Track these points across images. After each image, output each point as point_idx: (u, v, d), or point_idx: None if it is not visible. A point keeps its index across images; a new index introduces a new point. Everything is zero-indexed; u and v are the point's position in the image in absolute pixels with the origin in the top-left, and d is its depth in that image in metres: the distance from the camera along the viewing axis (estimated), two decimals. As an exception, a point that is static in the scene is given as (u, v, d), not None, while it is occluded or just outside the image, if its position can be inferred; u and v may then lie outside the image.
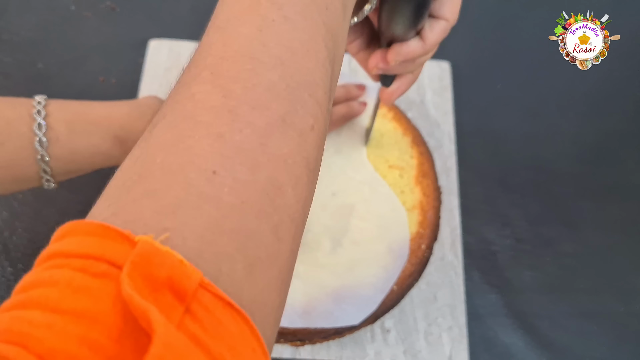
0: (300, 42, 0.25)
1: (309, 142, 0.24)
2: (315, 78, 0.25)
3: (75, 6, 0.65)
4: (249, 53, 0.24)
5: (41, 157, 0.39)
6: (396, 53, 0.37)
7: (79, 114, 0.41)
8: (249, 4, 0.25)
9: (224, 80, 0.23)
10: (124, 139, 0.41)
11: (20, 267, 0.50)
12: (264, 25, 0.25)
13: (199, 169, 0.21)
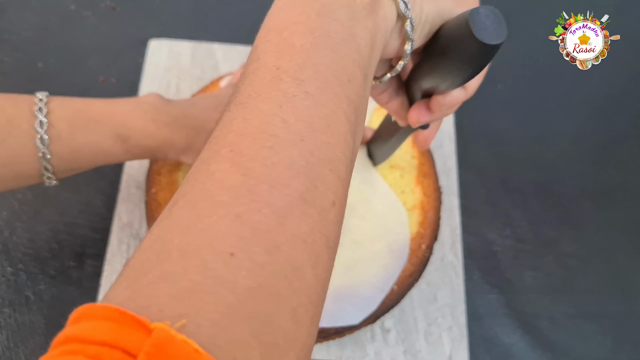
0: (321, 117, 0.25)
1: (329, 219, 0.24)
2: (336, 153, 0.25)
3: (75, 6, 0.65)
4: (268, 130, 0.24)
5: (42, 154, 0.39)
6: (440, 105, 0.36)
7: (80, 111, 0.41)
8: (270, 79, 0.25)
9: (243, 158, 0.23)
10: (125, 136, 0.41)
11: (20, 267, 0.50)
12: (285, 101, 0.24)
13: (216, 251, 0.20)
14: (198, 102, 0.46)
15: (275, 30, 0.27)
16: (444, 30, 0.31)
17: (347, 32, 0.27)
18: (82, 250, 0.52)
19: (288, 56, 0.26)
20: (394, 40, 0.31)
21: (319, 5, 0.27)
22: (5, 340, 0.48)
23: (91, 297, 0.49)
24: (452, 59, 0.31)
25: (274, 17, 0.29)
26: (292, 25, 0.27)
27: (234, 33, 0.65)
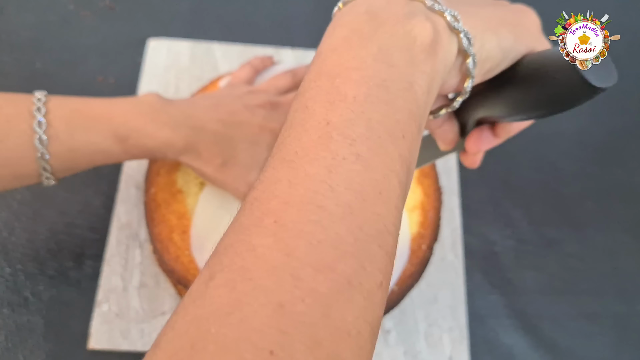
0: (372, 184, 0.23)
1: (375, 302, 0.22)
2: (386, 224, 0.23)
3: (74, 5, 0.65)
4: (316, 200, 0.22)
5: (41, 154, 0.39)
6: (508, 133, 0.35)
7: (79, 111, 0.40)
8: (319, 135, 0.24)
9: (287, 233, 0.21)
10: (124, 136, 0.41)
11: (19, 267, 0.50)
12: (334, 164, 0.23)
13: (256, 347, 0.19)
14: (197, 101, 0.46)
15: (327, 76, 0.26)
16: (531, 65, 0.30)
17: (404, 80, 0.25)
18: (80, 250, 0.51)
19: (339, 109, 0.24)
20: (453, 78, 0.29)
21: (376, 48, 0.26)
22: (4, 340, 0.48)
23: (90, 298, 0.49)
24: (542, 97, 0.30)
25: (326, 58, 0.27)
26: (345, 71, 0.25)
27: (233, 32, 0.65)
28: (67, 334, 0.48)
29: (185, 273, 0.46)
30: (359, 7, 0.28)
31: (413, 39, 0.26)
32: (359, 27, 0.26)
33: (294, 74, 0.52)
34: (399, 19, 0.26)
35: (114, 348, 0.47)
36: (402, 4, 0.27)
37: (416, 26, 0.26)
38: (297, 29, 0.66)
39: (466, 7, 0.29)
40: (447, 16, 0.27)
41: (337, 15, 0.29)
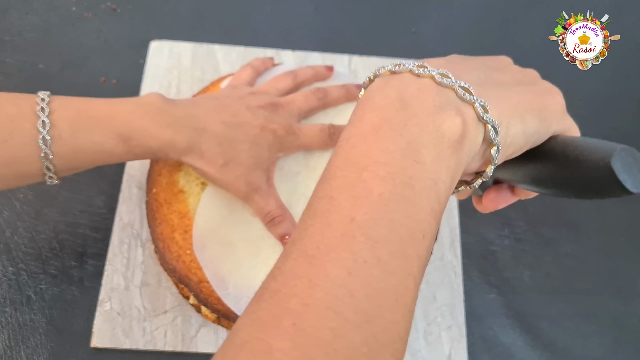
0: (390, 289, 0.23)
1: None
2: (399, 332, 0.23)
3: (76, 7, 0.66)
4: (334, 305, 0.22)
5: (44, 154, 0.39)
6: (526, 194, 0.35)
7: (82, 111, 0.41)
8: (341, 233, 0.24)
9: (305, 340, 0.22)
10: (126, 136, 0.41)
11: (21, 267, 0.51)
12: (355, 267, 0.23)
13: None
14: (200, 102, 0.46)
15: (355, 166, 0.26)
16: (562, 150, 0.30)
17: (429, 178, 0.26)
18: (83, 250, 0.52)
19: (364, 207, 0.24)
20: (475, 162, 0.29)
21: (405, 143, 0.26)
22: (7, 339, 0.48)
23: (92, 297, 0.50)
24: (568, 183, 0.29)
25: (354, 145, 0.27)
26: (373, 165, 0.25)
27: (234, 34, 0.65)
28: (69, 333, 0.49)
29: (187, 272, 0.46)
30: (390, 91, 0.28)
31: (442, 135, 0.26)
32: (389, 116, 0.26)
33: (295, 76, 0.53)
34: (429, 111, 0.26)
35: (116, 346, 0.47)
36: (434, 93, 0.27)
37: (446, 121, 0.26)
38: (298, 31, 0.67)
39: (494, 90, 0.29)
40: (477, 107, 0.27)
41: (368, 94, 0.29)
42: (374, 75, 0.30)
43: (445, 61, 0.30)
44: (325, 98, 0.51)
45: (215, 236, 0.47)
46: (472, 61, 0.31)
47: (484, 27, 0.70)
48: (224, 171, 0.45)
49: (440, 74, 0.27)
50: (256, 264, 0.46)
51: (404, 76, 0.28)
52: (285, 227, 0.46)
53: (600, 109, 0.65)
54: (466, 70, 0.29)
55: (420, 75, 0.28)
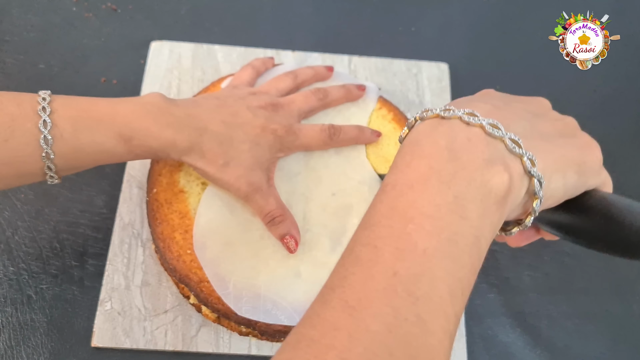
0: (427, 349, 0.23)
1: None
2: None
3: (77, 7, 0.66)
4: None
5: (46, 154, 0.39)
6: (551, 236, 0.35)
7: (84, 111, 0.41)
8: (384, 287, 0.24)
9: None
10: (128, 136, 0.41)
11: (22, 266, 0.51)
12: (395, 324, 0.23)
13: None
14: (201, 102, 0.46)
15: (400, 217, 0.26)
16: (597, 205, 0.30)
17: (472, 234, 0.26)
18: (83, 249, 0.52)
19: (408, 261, 0.24)
20: (515, 212, 0.29)
21: (452, 197, 0.26)
22: (7, 339, 0.48)
23: (93, 297, 0.50)
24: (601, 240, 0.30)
25: (401, 194, 0.27)
26: (419, 217, 0.25)
27: (235, 35, 0.66)
28: (70, 332, 0.49)
29: (187, 272, 0.47)
30: (439, 139, 0.27)
31: (489, 190, 0.26)
32: (438, 166, 0.26)
33: (295, 76, 0.53)
34: (478, 165, 0.26)
35: (117, 346, 0.47)
36: (483, 145, 0.27)
37: (494, 177, 0.26)
38: (298, 32, 0.67)
39: (540, 143, 0.29)
40: (525, 161, 0.27)
41: (414, 137, 0.29)
42: (419, 116, 0.30)
43: (492, 107, 0.29)
44: (325, 98, 0.52)
45: (216, 236, 0.47)
46: (516, 106, 0.31)
47: (484, 27, 0.70)
48: (225, 171, 0.45)
49: (490, 124, 0.27)
50: (256, 264, 0.46)
51: (453, 123, 0.28)
52: (286, 227, 0.46)
53: (600, 109, 0.65)
54: (513, 119, 0.29)
55: (470, 123, 0.28)
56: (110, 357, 0.48)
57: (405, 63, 0.64)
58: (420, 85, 0.63)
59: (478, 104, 0.29)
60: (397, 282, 0.24)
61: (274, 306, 0.45)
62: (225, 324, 0.48)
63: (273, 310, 0.45)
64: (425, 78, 0.63)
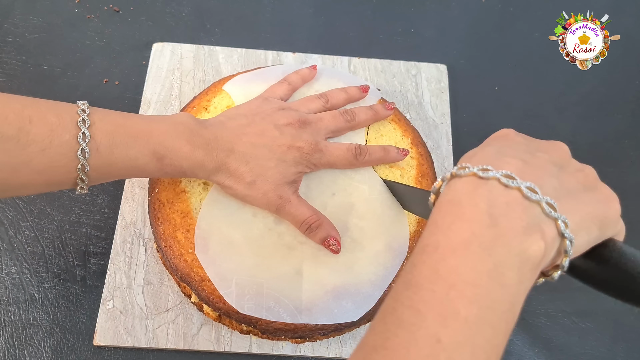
0: None
1: None
2: None
3: (79, 9, 0.66)
4: None
5: (81, 166, 0.39)
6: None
7: (120, 126, 0.41)
8: (427, 353, 0.25)
9: None
10: (161, 155, 0.42)
11: (25, 266, 0.51)
12: None
13: None
14: (228, 123, 0.47)
15: (443, 282, 0.27)
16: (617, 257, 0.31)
17: (509, 301, 0.27)
18: (86, 249, 0.52)
19: (451, 328, 0.25)
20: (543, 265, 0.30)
21: (492, 264, 0.27)
22: (10, 337, 0.48)
23: (95, 295, 0.50)
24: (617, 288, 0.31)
25: (444, 258, 0.28)
26: (461, 284, 0.26)
27: (236, 36, 0.66)
28: (72, 331, 0.49)
29: (189, 271, 0.47)
30: (479, 202, 0.28)
31: (527, 258, 0.27)
32: (479, 231, 0.27)
33: (326, 100, 0.53)
34: (517, 232, 0.27)
35: (119, 344, 0.48)
36: (521, 209, 0.28)
37: (532, 245, 0.27)
38: (298, 33, 0.67)
39: (568, 202, 0.30)
40: (560, 224, 0.28)
41: (453, 196, 0.30)
42: (456, 172, 0.30)
43: (522, 163, 0.30)
44: (352, 120, 0.52)
45: (217, 237, 0.47)
46: (541, 158, 0.32)
47: (483, 29, 0.70)
48: (252, 188, 0.46)
49: (528, 187, 0.28)
50: (258, 263, 0.47)
51: (492, 185, 0.29)
52: (325, 231, 0.47)
53: (600, 109, 0.66)
54: (544, 177, 0.30)
55: (509, 186, 0.29)
56: (112, 355, 0.48)
57: (404, 64, 0.65)
58: (419, 86, 0.63)
59: (508, 159, 0.30)
60: (440, 350, 0.25)
61: (277, 304, 0.45)
62: (226, 322, 0.49)
63: (275, 307, 0.45)
64: (424, 79, 0.64)
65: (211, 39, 0.66)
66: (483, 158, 0.31)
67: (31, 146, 0.37)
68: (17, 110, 0.37)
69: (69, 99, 0.41)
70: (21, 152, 0.36)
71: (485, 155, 0.32)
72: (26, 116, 0.37)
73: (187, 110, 0.55)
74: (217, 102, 0.55)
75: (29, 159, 0.37)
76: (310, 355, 0.49)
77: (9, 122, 0.36)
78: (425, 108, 0.62)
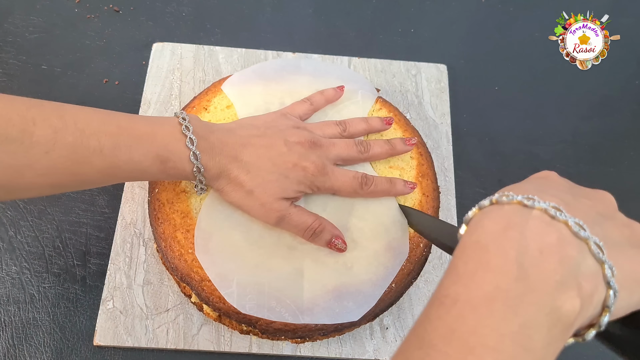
0: None
1: None
2: None
3: (79, 9, 0.66)
4: None
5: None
6: None
7: (124, 129, 0.40)
8: None
9: None
10: (164, 158, 0.41)
11: (25, 265, 0.51)
12: None
13: None
14: (238, 130, 0.46)
15: (460, 344, 0.24)
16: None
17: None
18: (86, 249, 0.52)
19: None
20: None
21: (517, 325, 0.24)
22: (10, 337, 0.48)
23: (95, 295, 0.50)
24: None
25: (462, 314, 0.25)
26: (480, 348, 0.23)
27: (236, 36, 0.66)
28: (72, 331, 0.49)
29: (189, 271, 0.47)
30: (510, 249, 0.25)
31: (558, 318, 0.24)
32: (505, 285, 0.24)
33: (344, 128, 0.51)
34: (550, 287, 0.24)
35: (119, 344, 0.48)
36: (557, 259, 0.25)
37: (565, 303, 0.24)
38: (298, 33, 0.67)
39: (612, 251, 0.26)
40: (607, 270, 0.25)
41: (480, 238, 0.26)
42: (497, 199, 0.27)
43: (564, 203, 0.27)
44: (366, 152, 0.50)
45: (218, 238, 0.47)
46: (584, 203, 0.29)
47: (483, 29, 0.70)
48: (249, 198, 0.45)
49: (576, 223, 0.25)
50: (259, 263, 0.47)
51: (528, 228, 0.25)
52: (329, 233, 0.46)
53: (600, 109, 0.66)
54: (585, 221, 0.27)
55: (555, 218, 0.25)
56: (112, 355, 0.48)
57: (404, 64, 0.65)
58: (419, 86, 0.63)
59: (549, 197, 0.27)
60: None
61: (278, 304, 0.45)
62: (226, 322, 0.49)
63: (277, 307, 0.45)
64: (424, 79, 0.64)
65: (211, 39, 0.66)
66: (525, 190, 0.28)
67: (35, 148, 0.36)
68: (21, 112, 0.36)
69: (69, 99, 0.41)
70: (24, 154, 0.36)
71: (526, 189, 0.28)
72: (30, 118, 0.36)
73: (187, 110, 0.55)
74: (217, 102, 0.55)
75: (33, 161, 0.37)
76: (310, 355, 0.49)
77: (13, 123, 0.36)
78: (425, 108, 0.62)
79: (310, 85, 0.56)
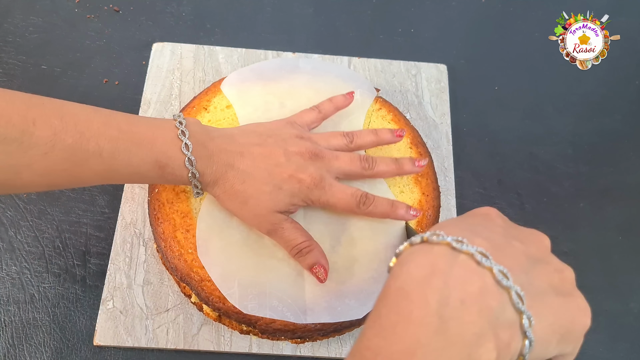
0: None
1: None
2: None
3: (79, 9, 0.66)
4: None
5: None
6: None
7: (124, 133, 0.40)
8: None
9: None
10: (163, 164, 0.41)
11: (25, 266, 0.51)
12: None
13: None
14: (238, 137, 0.46)
15: None
16: None
17: None
18: (86, 249, 0.52)
19: None
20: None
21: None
22: (10, 337, 0.48)
23: (95, 295, 0.50)
24: None
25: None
26: None
27: (236, 36, 0.66)
28: (72, 331, 0.49)
29: (189, 271, 0.47)
30: (432, 298, 0.25)
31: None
32: (426, 340, 0.24)
33: (351, 140, 0.49)
34: (468, 341, 0.25)
35: (119, 344, 0.48)
36: (476, 310, 0.25)
37: (483, 356, 0.25)
38: (298, 33, 0.67)
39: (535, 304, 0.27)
40: (525, 320, 0.26)
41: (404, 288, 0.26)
42: (428, 237, 0.28)
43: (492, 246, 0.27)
44: (370, 169, 0.48)
45: (218, 238, 0.47)
46: (515, 247, 0.29)
47: (483, 28, 0.70)
48: (243, 209, 0.45)
49: (500, 271, 0.26)
50: (259, 263, 0.47)
51: (452, 276, 0.26)
52: (314, 257, 0.45)
53: (600, 109, 0.66)
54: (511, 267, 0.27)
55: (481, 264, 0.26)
56: (112, 355, 0.48)
57: (404, 64, 0.65)
58: (419, 86, 0.63)
59: (480, 240, 0.28)
60: None
61: (280, 303, 0.45)
62: (226, 322, 0.49)
63: (279, 307, 0.45)
64: (424, 79, 0.64)
65: (211, 39, 0.66)
66: (457, 230, 0.28)
67: (33, 149, 0.36)
68: (22, 111, 0.36)
69: (69, 99, 0.41)
70: (23, 155, 0.36)
71: (459, 229, 0.29)
72: (30, 118, 0.36)
73: (187, 110, 0.55)
74: (217, 102, 0.55)
75: (31, 161, 0.37)
76: (310, 355, 0.49)
77: (13, 124, 0.36)
78: (425, 108, 0.62)
79: (309, 85, 0.56)
